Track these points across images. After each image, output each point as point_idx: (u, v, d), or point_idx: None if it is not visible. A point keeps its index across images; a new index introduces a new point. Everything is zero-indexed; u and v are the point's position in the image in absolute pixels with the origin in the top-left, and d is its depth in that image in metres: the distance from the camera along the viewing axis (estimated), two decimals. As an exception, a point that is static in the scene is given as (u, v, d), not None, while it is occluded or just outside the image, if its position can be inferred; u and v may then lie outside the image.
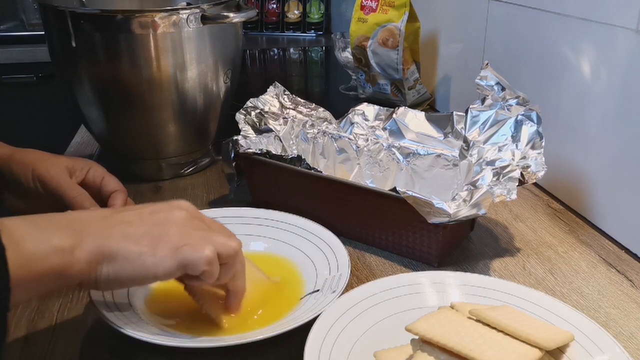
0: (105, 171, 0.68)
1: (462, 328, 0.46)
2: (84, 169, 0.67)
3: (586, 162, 0.75)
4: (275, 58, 1.79)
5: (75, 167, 0.66)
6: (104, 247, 0.44)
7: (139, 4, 1.00)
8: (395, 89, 1.16)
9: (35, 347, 0.52)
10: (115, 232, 0.45)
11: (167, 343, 0.48)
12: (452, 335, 0.45)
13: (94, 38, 0.76)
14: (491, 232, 0.72)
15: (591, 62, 0.73)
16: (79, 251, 0.42)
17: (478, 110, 0.70)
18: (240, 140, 0.74)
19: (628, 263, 0.66)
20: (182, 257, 0.46)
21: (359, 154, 0.81)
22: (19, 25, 1.89)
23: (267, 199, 0.74)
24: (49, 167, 0.64)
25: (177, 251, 0.46)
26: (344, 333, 0.49)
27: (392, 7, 1.11)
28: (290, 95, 0.85)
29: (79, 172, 0.66)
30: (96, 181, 0.67)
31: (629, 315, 0.57)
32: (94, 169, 0.67)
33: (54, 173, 0.64)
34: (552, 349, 0.46)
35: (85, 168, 0.67)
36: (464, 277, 0.57)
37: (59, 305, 0.58)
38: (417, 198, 0.59)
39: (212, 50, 0.82)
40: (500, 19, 0.94)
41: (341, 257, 0.60)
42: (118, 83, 0.78)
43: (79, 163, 0.67)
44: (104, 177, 0.67)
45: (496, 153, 0.67)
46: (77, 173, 0.66)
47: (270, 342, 0.49)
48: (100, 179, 0.67)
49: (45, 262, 0.41)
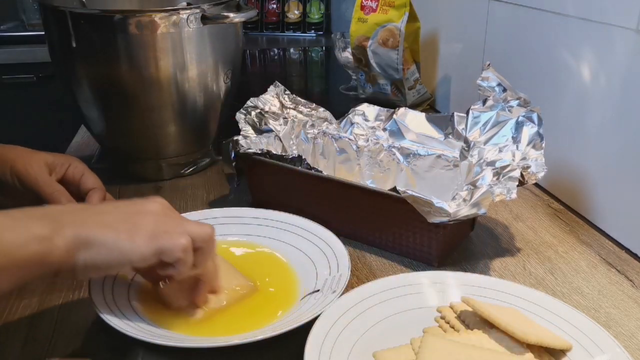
0: (85, 168, 0.68)
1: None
2: (64, 165, 0.67)
3: (586, 162, 0.75)
4: (275, 58, 1.79)
5: (55, 164, 0.66)
6: (81, 234, 0.45)
7: (139, 4, 1.00)
8: (395, 89, 1.16)
9: (35, 347, 0.52)
10: (92, 220, 0.46)
11: (167, 343, 0.48)
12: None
13: (94, 38, 0.76)
14: (491, 232, 0.72)
15: (591, 63, 0.73)
16: (57, 238, 0.43)
17: (479, 111, 0.70)
18: (241, 140, 0.74)
19: (628, 263, 0.66)
20: (159, 244, 0.47)
21: (359, 155, 0.81)
22: (19, 26, 1.89)
23: (267, 199, 0.74)
24: (27, 164, 0.64)
25: (153, 238, 0.47)
26: (344, 333, 0.49)
27: (392, 7, 1.11)
28: (290, 95, 0.85)
29: (59, 168, 0.66)
30: (75, 177, 0.67)
31: (629, 315, 0.57)
32: (74, 165, 0.67)
33: (32, 170, 0.64)
34: (533, 344, 0.47)
35: (66, 164, 0.67)
36: (464, 277, 0.57)
37: (59, 305, 0.58)
38: (417, 198, 0.59)
39: (212, 50, 0.82)
40: (501, 19, 0.94)
41: (341, 257, 0.60)
42: (118, 83, 0.78)
43: (59, 159, 0.67)
44: (84, 174, 0.67)
45: (497, 154, 0.67)
46: (57, 169, 0.66)
47: (270, 342, 0.49)
48: (79, 176, 0.67)
49: (25, 249, 0.42)
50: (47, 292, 0.60)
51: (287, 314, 0.55)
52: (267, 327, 0.52)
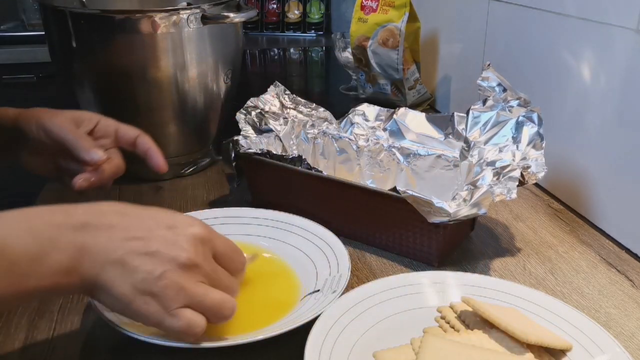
0: (116, 122, 0.69)
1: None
2: (92, 120, 0.68)
3: (587, 162, 0.75)
4: (276, 58, 1.79)
5: (82, 118, 0.67)
6: (98, 279, 0.43)
7: (139, 4, 1.00)
8: (395, 89, 1.16)
9: (35, 347, 0.52)
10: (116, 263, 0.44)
11: (167, 343, 0.48)
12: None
13: (94, 38, 0.76)
14: (491, 232, 0.72)
15: (591, 63, 0.73)
16: (75, 276, 0.43)
17: (479, 111, 0.70)
18: (241, 140, 0.74)
19: (628, 263, 0.66)
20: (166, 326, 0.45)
21: (359, 155, 0.81)
22: (19, 25, 1.89)
23: (267, 199, 0.74)
24: (53, 117, 0.65)
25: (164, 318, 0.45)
26: (344, 333, 0.49)
27: (392, 7, 1.11)
28: (290, 95, 0.85)
29: (87, 123, 0.67)
30: (108, 131, 0.68)
31: (630, 315, 0.57)
32: (103, 120, 0.69)
33: (57, 121, 0.65)
34: (533, 344, 0.47)
35: (94, 120, 0.68)
36: (464, 277, 0.57)
37: (59, 305, 0.58)
38: (417, 198, 0.59)
39: (213, 50, 0.82)
40: (501, 19, 0.94)
41: (341, 257, 0.60)
42: (118, 83, 0.78)
43: (86, 115, 0.68)
44: (119, 127, 0.69)
45: (497, 154, 0.67)
46: (84, 123, 0.67)
47: (270, 342, 0.49)
48: (113, 129, 0.69)
49: (38, 282, 0.41)
50: (47, 292, 0.60)
51: (287, 314, 0.55)
52: (267, 327, 0.52)
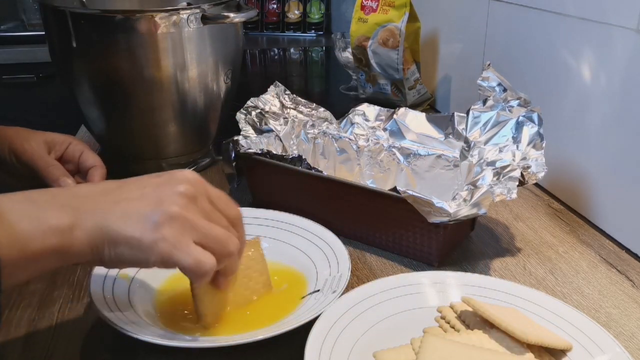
0: (85, 146, 0.68)
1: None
2: (63, 144, 0.67)
3: (587, 162, 0.75)
4: (276, 58, 1.79)
5: (54, 142, 0.66)
6: (103, 230, 0.42)
7: (139, 4, 1.00)
8: (395, 89, 1.16)
9: (35, 347, 0.52)
10: (116, 211, 0.43)
11: (167, 343, 0.48)
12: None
13: (94, 38, 0.76)
14: (492, 232, 0.72)
15: (591, 63, 0.73)
16: (78, 231, 0.41)
17: (479, 111, 0.70)
18: (241, 140, 0.74)
19: (629, 263, 0.66)
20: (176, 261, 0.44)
21: (359, 155, 0.81)
22: (19, 25, 1.90)
23: (267, 199, 0.74)
24: (25, 142, 0.65)
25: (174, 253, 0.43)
26: (344, 333, 0.49)
27: (392, 7, 1.11)
28: (290, 95, 0.85)
29: (59, 147, 0.67)
30: (75, 156, 0.67)
31: (630, 315, 0.57)
32: (73, 144, 0.67)
33: (28, 146, 0.64)
34: (533, 344, 0.47)
35: (65, 143, 0.67)
36: (464, 277, 0.57)
37: (59, 305, 0.58)
38: (417, 197, 0.59)
39: (213, 50, 0.82)
40: (501, 19, 0.94)
41: (341, 257, 0.60)
42: (118, 83, 0.78)
43: (59, 138, 0.67)
44: (83, 152, 0.67)
45: (497, 154, 0.67)
46: (56, 147, 0.66)
47: (270, 342, 0.49)
48: (79, 154, 0.67)
49: (42, 242, 0.40)
50: (47, 292, 0.60)
51: (287, 314, 0.55)
52: (267, 327, 0.52)
